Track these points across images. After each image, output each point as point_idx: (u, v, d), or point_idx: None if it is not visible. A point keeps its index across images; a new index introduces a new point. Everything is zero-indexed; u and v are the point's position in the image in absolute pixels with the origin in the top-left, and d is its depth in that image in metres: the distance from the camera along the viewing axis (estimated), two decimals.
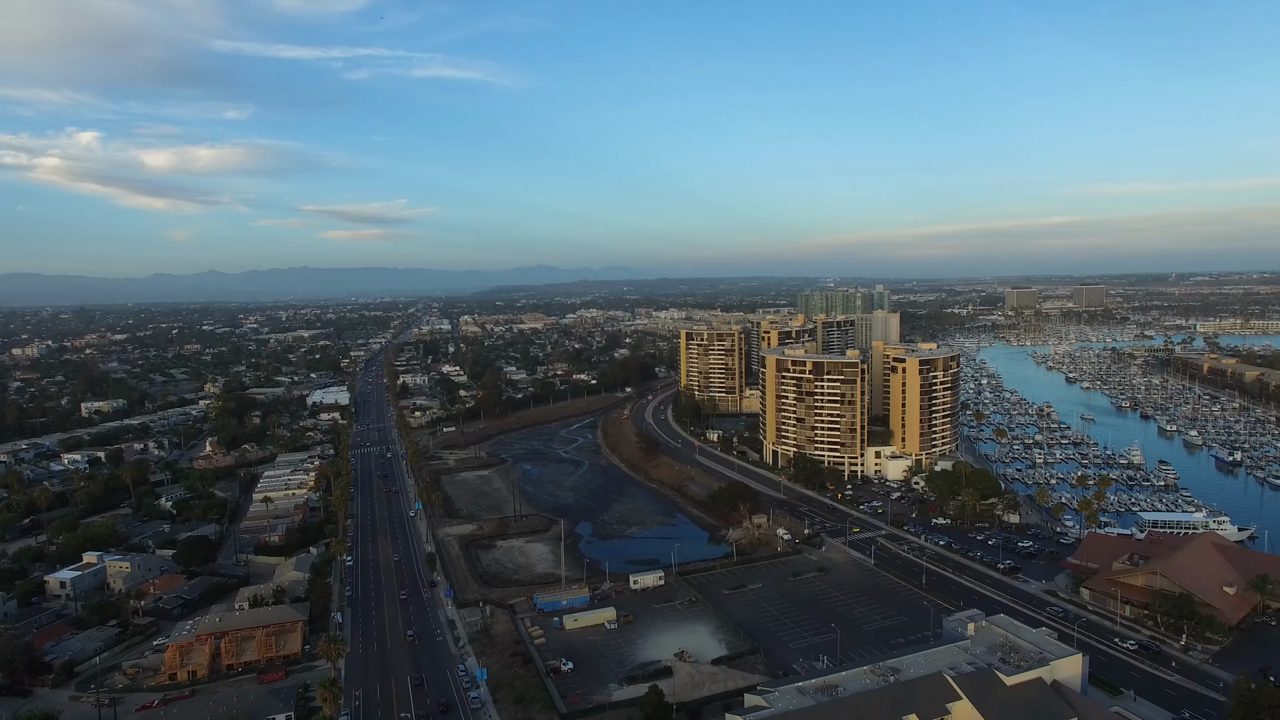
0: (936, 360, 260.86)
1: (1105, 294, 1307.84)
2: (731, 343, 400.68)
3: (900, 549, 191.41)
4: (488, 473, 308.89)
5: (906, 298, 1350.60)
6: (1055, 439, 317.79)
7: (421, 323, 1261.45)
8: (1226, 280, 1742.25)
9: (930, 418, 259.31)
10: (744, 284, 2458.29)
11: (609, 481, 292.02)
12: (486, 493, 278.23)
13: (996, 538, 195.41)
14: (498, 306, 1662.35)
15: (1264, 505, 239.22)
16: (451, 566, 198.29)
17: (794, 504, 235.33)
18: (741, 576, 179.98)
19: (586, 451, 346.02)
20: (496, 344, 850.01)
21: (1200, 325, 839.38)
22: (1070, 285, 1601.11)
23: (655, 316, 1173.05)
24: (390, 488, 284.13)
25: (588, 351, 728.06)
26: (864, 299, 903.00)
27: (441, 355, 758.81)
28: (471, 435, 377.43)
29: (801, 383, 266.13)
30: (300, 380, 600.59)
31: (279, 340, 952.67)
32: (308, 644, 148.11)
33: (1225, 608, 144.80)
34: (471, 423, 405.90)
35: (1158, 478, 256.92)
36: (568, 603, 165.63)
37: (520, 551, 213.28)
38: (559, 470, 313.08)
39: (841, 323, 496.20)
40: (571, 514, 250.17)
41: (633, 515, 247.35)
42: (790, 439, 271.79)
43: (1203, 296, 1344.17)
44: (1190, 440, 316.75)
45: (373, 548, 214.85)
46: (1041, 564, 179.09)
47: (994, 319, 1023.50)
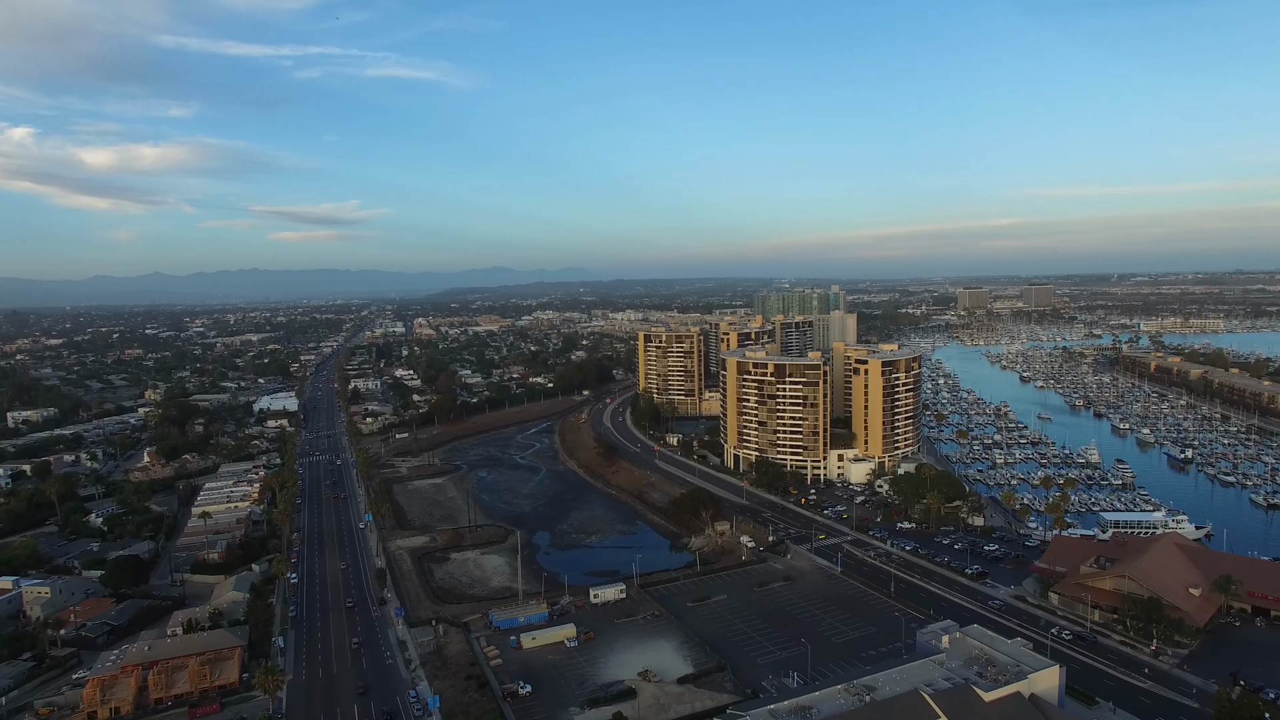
0: (899, 361, 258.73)
1: (1053, 294, 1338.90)
2: (690, 345, 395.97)
3: (866, 555, 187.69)
4: (442, 481, 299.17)
5: (861, 298, 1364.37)
6: (1014, 439, 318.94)
7: (375, 325, 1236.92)
8: (1164, 280, 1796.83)
9: (893, 419, 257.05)
10: (700, 285, 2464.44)
11: (567, 488, 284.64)
12: (440, 502, 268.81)
13: (962, 541, 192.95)
14: (453, 308, 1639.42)
15: (1215, 502, 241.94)
16: (403, 582, 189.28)
17: (757, 510, 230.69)
18: (705, 587, 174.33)
19: (544, 457, 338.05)
20: (451, 346, 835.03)
21: (1144, 324, 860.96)
22: (1018, 285, 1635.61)
23: (612, 318, 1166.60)
24: (339, 494, 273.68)
25: (544, 353, 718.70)
26: (820, 299, 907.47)
27: (395, 358, 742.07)
28: (425, 441, 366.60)
29: (763, 385, 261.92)
30: (247, 386, 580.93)
31: (226, 344, 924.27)
32: (246, 672, 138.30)
33: (1192, 610, 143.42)
34: (425, 428, 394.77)
35: (1115, 477, 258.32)
36: (525, 619, 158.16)
37: (475, 564, 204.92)
38: (515, 477, 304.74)
39: (800, 323, 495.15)
40: (529, 523, 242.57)
41: (592, 524, 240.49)
42: (752, 443, 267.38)
43: (1143, 296, 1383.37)
44: (1143, 438, 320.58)
45: (320, 563, 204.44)
46: (1008, 568, 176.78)
47: (947, 319, 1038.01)
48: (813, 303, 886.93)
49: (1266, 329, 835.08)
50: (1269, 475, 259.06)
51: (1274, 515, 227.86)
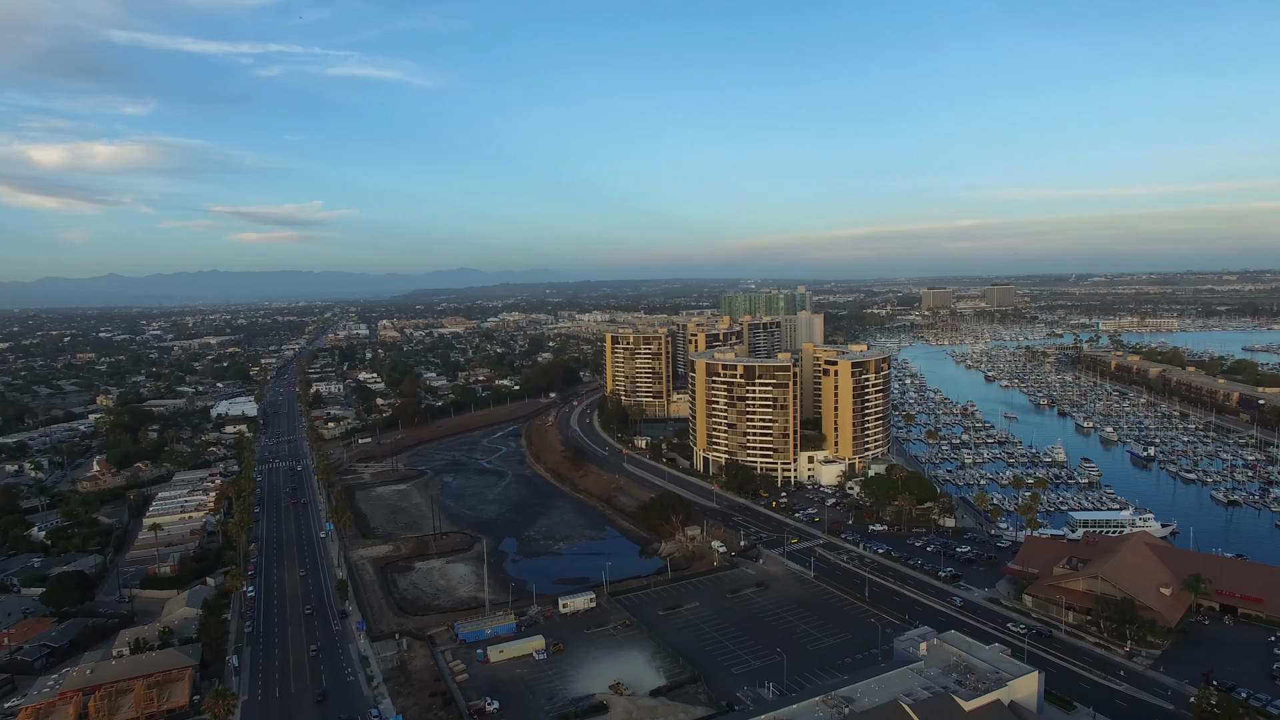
0: (868, 362, 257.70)
1: (1014, 294, 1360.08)
2: (658, 346, 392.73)
3: (839, 559, 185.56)
4: (406, 487, 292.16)
5: (826, 298, 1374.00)
6: (981, 438, 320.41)
7: (338, 327, 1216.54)
8: (1120, 281, 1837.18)
9: (863, 421, 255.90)
10: (666, 286, 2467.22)
11: (534, 493, 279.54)
12: (404, 509, 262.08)
13: (935, 543, 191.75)
14: (418, 310, 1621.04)
15: (1177, 499, 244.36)
16: (365, 593, 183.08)
17: (728, 513, 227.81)
18: (677, 595, 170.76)
19: (510, 461, 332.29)
20: (416, 349, 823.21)
21: (1102, 324, 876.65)
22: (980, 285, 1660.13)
23: (579, 319, 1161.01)
24: (299, 499, 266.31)
25: (510, 355, 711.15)
26: (786, 300, 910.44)
27: (358, 361, 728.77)
28: (389, 446, 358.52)
29: (732, 387, 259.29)
30: (205, 390, 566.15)
31: (183, 347, 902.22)
32: (197, 694, 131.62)
33: (1163, 610, 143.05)
34: (389, 433, 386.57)
35: (1081, 475, 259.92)
36: (492, 631, 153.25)
37: (440, 574, 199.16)
38: (482, 482, 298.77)
39: (768, 324, 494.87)
40: (495, 530, 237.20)
41: (560, 529, 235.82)
42: (721, 445, 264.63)
43: (1101, 296, 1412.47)
44: (1106, 436, 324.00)
45: (279, 574, 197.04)
46: (981, 570, 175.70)
47: (912, 319, 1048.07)
48: (779, 303, 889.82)
49: (1217, 328, 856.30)
50: (1228, 472, 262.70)
51: (1233, 512, 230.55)
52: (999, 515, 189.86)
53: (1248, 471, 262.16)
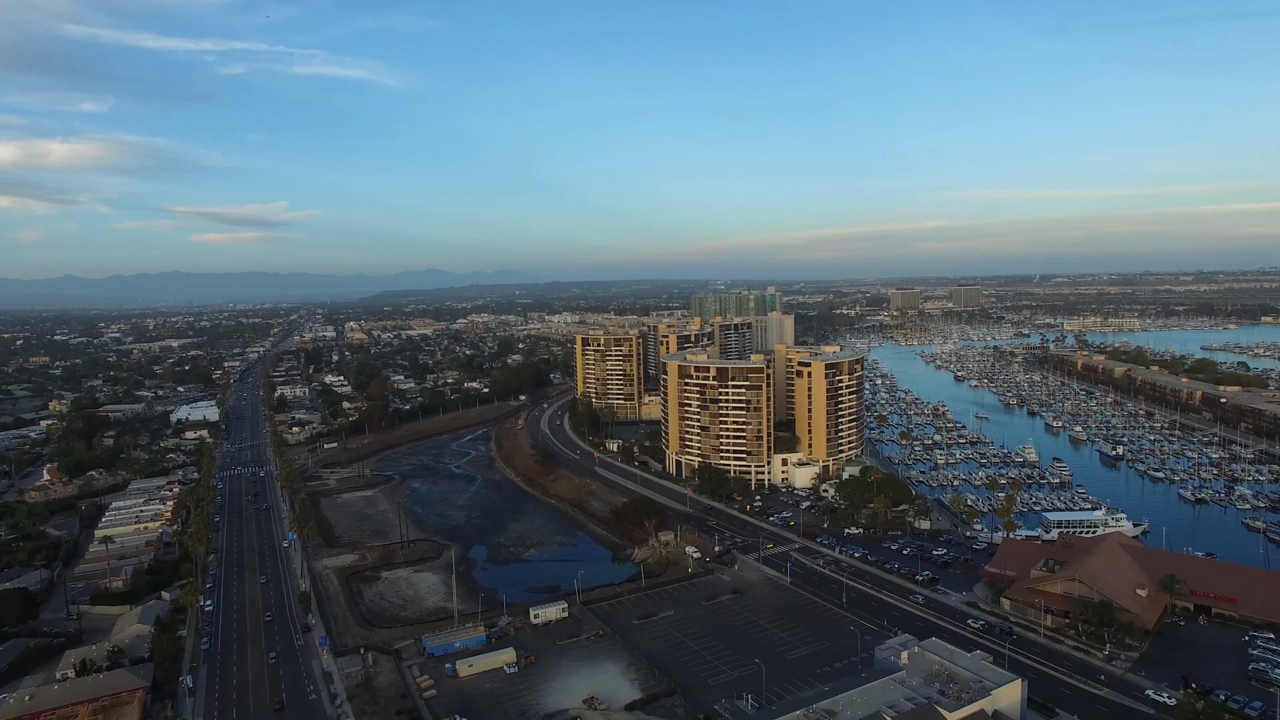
0: (842, 364, 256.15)
1: (980, 294, 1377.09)
2: (629, 348, 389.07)
3: (816, 564, 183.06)
4: (372, 493, 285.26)
5: (796, 299, 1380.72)
6: (953, 438, 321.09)
7: (304, 329, 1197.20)
8: (1082, 281, 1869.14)
9: (836, 423, 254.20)
10: (636, 287, 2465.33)
11: (504, 498, 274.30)
12: (370, 516, 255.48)
13: (910, 546, 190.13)
14: (385, 312, 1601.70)
15: (1147, 498, 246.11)
16: (329, 605, 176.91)
17: (701, 518, 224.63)
18: (651, 603, 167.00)
19: (479, 466, 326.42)
20: (384, 351, 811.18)
21: (1067, 324, 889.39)
22: (946, 286, 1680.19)
23: (548, 320, 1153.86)
24: (261, 504, 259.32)
25: (479, 358, 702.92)
26: (757, 301, 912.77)
27: (324, 364, 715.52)
28: (355, 451, 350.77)
29: (705, 389, 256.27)
30: (166, 395, 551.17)
31: (143, 350, 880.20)
32: (149, 718, 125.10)
33: (1141, 611, 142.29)
34: (355, 437, 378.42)
35: (1053, 475, 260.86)
36: (461, 644, 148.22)
37: (408, 583, 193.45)
38: (450, 487, 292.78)
39: (739, 325, 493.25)
40: (464, 536, 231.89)
41: (531, 536, 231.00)
42: (694, 448, 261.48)
43: (1064, 296, 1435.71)
44: (1075, 436, 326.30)
45: (238, 587, 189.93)
46: (958, 573, 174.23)
47: (881, 319, 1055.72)
48: (749, 304, 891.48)
49: (1176, 327, 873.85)
50: (1194, 471, 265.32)
51: (1200, 510, 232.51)
52: (975, 518, 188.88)
53: (1213, 470, 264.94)
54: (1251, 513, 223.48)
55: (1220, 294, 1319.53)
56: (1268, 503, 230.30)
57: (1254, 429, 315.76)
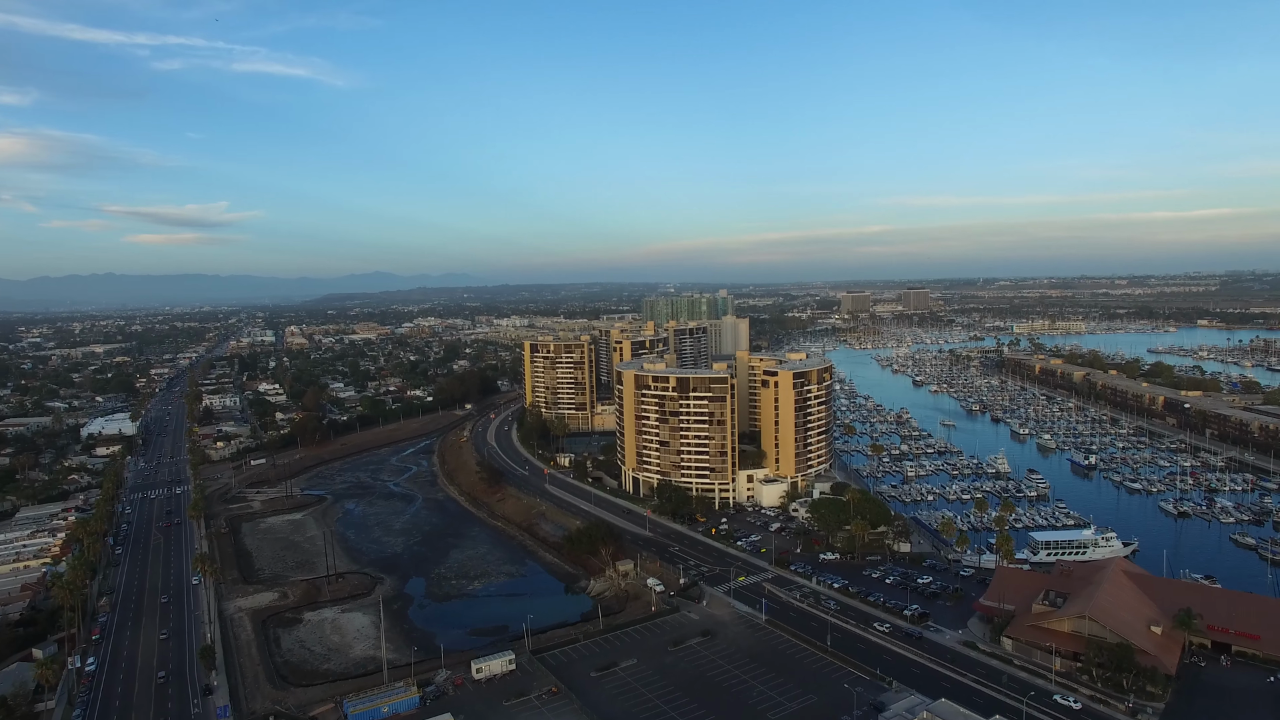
0: (810, 372, 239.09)
1: (928, 297, 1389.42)
2: (580, 354, 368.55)
3: (792, 597, 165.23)
4: (300, 516, 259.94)
5: (746, 302, 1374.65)
6: (920, 448, 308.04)
7: (242, 334, 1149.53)
8: (1024, 285, 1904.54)
9: (805, 436, 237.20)
10: (586, 290, 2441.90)
11: (447, 521, 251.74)
12: (297, 544, 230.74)
13: (893, 574, 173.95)
14: (330, 315, 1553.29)
15: (1125, 511, 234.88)
16: (239, 658, 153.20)
17: (663, 542, 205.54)
18: (610, 649, 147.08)
19: (421, 483, 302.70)
20: (325, 357, 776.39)
21: (1016, 327, 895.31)
22: (893, 289, 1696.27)
23: (497, 325, 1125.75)
24: (174, 520, 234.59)
25: (424, 364, 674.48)
26: (709, 304, 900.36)
27: (260, 371, 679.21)
28: (285, 467, 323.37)
29: (664, 401, 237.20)
30: (81, 405, 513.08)
31: (63, 357, 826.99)
32: None
33: (1159, 653, 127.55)
34: (287, 451, 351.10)
35: (1029, 487, 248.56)
36: (389, 709, 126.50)
37: (334, 627, 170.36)
38: (388, 508, 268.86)
39: (694, 330, 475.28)
40: (401, 567, 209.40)
41: (475, 565, 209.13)
42: (653, 465, 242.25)
43: (1008, 299, 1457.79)
44: (1044, 444, 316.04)
45: (131, 638, 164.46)
46: (949, 606, 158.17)
47: (833, 322, 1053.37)
48: (702, 308, 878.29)
49: (1120, 330, 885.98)
50: (1170, 481, 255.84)
51: (1183, 524, 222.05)
52: (966, 544, 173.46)
53: (1188, 479, 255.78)
54: (1236, 527, 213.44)
55: (1154, 297, 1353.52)
56: (1250, 515, 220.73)
57: (1219, 435, 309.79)
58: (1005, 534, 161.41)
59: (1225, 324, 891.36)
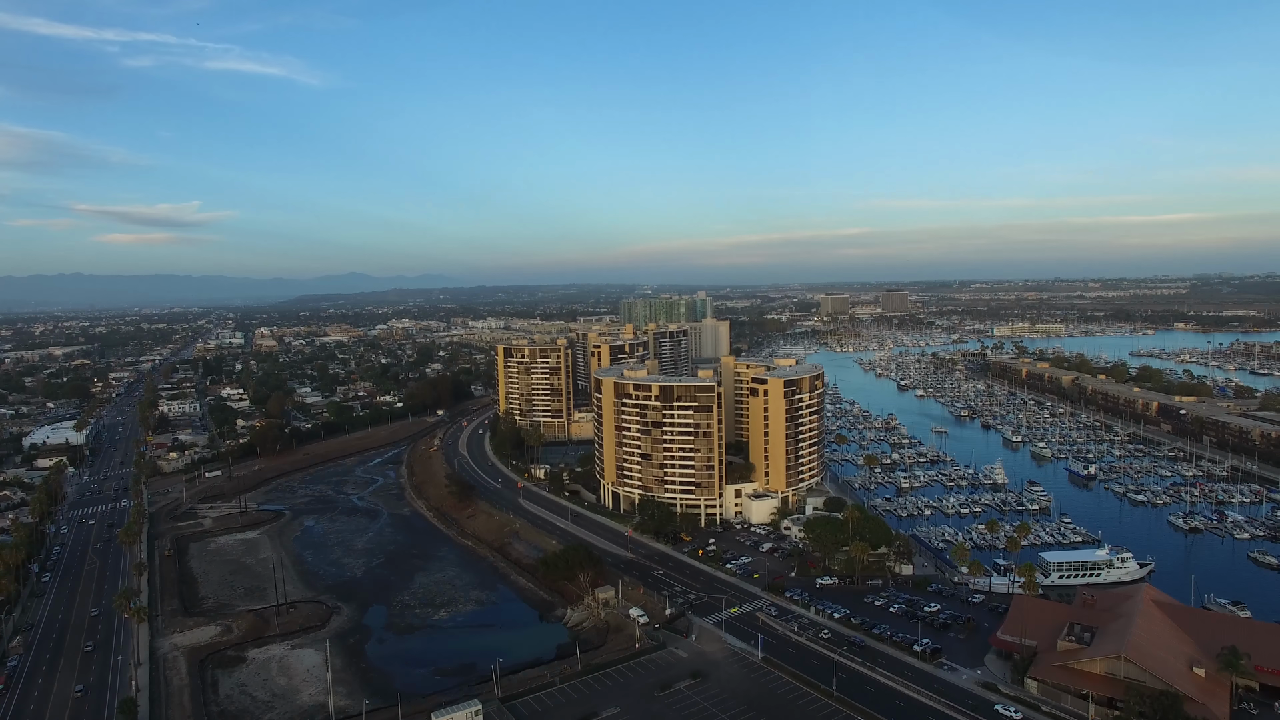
0: (802, 380, 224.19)
1: (906, 299, 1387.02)
2: (556, 359, 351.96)
3: (790, 629, 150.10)
4: (255, 535, 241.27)
5: (724, 303, 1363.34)
6: (912, 457, 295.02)
7: (210, 336, 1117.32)
8: (1000, 287, 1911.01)
9: (797, 448, 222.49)
10: (563, 291, 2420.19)
11: (413, 539, 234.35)
12: (248, 567, 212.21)
13: (898, 601, 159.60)
14: (302, 317, 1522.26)
15: (1132, 525, 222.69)
16: (168, 710, 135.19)
17: (646, 565, 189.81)
18: (590, 695, 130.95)
19: (387, 496, 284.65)
20: (294, 360, 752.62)
21: (996, 329, 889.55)
22: (870, 291, 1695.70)
23: (472, 327, 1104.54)
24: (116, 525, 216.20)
25: (396, 367, 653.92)
26: (688, 306, 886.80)
27: (225, 375, 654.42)
28: (243, 480, 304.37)
29: (646, 411, 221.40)
30: (31, 412, 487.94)
31: (18, 360, 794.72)
32: None
33: (1207, 700, 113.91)
34: (246, 462, 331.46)
35: (1030, 500, 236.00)
36: None
37: (281, 666, 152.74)
38: (350, 525, 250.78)
39: (674, 333, 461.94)
40: (361, 593, 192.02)
41: (442, 590, 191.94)
42: (634, 479, 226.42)
43: (985, 302, 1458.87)
44: (1039, 452, 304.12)
45: (44, 684, 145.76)
46: (961, 639, 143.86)
47: (813, 324, 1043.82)
48: (681, 310, 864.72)
49: (1099, 332, 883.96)
50: (1176, 492, 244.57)
51: (1195, 539, 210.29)
52: (980, 572, 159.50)
53: (1194, 490, 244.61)
54: (1252, 543, 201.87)
55: (1127, 300, 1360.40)
56: (1266, 531, 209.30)
57: (1218, 442, 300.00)
58: (1029, 565, 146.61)
59: (1201, 327, 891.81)
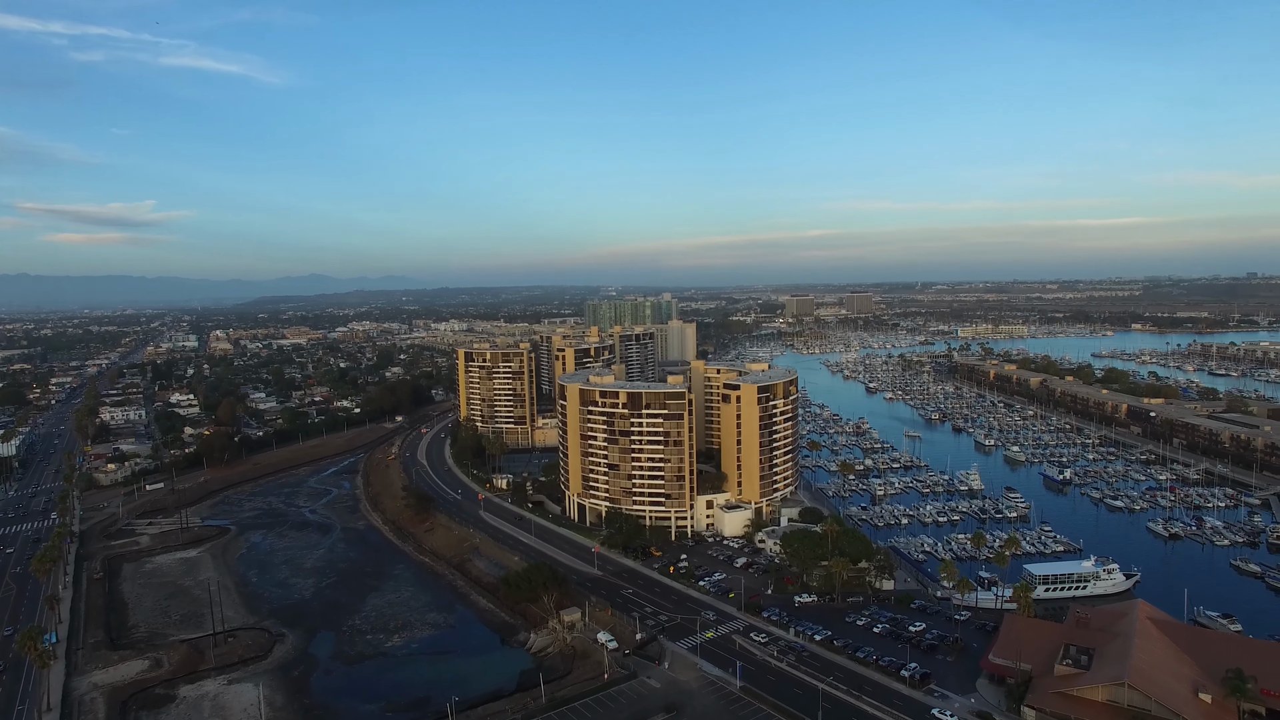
0: (775, 386, 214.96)
1: (871, 301, 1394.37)
2: (520, 363, 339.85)
3: (769, 653, 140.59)
4: (196, 553, 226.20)
5: (689, 305, 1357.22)
6: (886, 462, 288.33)
7: (163, 338, 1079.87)
8: (961, 289, 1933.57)
9: (771, 457, 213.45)
10: (527, 293, 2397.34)
11: (367, 555, 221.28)
12: (186, 590, 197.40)
13: (881, 621, 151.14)
14: (260, 319, 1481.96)
15: (1109, 531, 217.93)
16: None
17: (614, 583, 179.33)
18: None
19: (341, 509, 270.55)
20: (249, 364, 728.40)
21: (961, 330, 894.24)
22: (834, 292, 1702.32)
23: (435, 328, 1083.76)
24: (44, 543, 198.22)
25: (355, 371, 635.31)
26: (654, 308, 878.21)
27: (176, 380, 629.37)
28: (187, 493, 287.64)
29: (613, 420, 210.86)
30: None
31: None
32: None
33: None
34: (191, 473, 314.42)
35: (1008, 508, 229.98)
36: None
37: (215, 706, 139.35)
38: (300, 541, 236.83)
39: (640, 335, 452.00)
40: (309, 617, 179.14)
41: (396, 613, 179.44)
42: (601, 491, 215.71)
43: (947, 303, 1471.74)
44: (1013, 456, 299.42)
45: None
46: (950, 661, 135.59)
47: (778, 326, 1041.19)
48: (646, 311, 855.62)
49: (1061, 333, 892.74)
50: (1152, 497, 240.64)
51: (1176, 547, 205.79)
52: (969, 589, 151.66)
53: (1169, 495, 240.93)
54: (1232, 550, 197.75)
55: (1085, 301, 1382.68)
56: (1244, 537, 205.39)
57: (1188, 445, 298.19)
58: (1024, 584, 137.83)
59: (1157, 328, 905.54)
